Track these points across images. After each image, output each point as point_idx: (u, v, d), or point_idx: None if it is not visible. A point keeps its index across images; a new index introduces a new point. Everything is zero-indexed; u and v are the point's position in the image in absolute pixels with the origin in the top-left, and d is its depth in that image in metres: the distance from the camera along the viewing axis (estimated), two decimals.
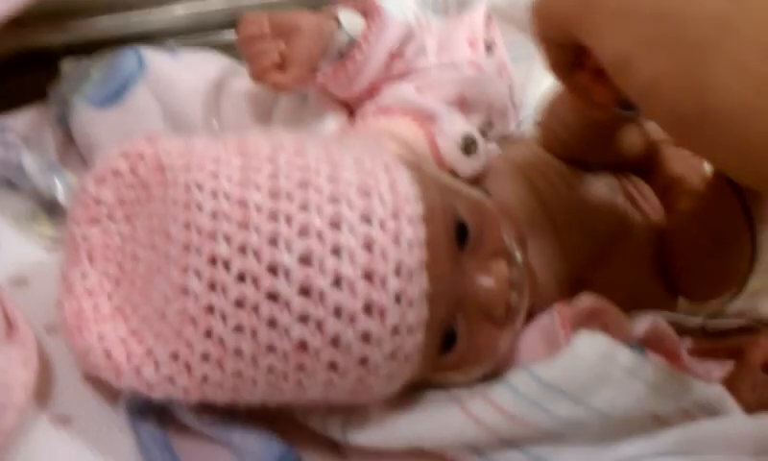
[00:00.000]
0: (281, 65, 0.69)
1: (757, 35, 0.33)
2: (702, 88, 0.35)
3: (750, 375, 0.61)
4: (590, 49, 0.44)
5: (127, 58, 0.78)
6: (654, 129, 0.70)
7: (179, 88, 0.77)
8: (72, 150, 0.80)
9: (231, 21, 0.88)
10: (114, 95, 0.77)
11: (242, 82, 0.77)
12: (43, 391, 0.56)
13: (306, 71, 0.70)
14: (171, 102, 0.77)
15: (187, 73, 0.79)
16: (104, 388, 0.54)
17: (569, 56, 0.44)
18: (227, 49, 0.85)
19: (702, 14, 0.36)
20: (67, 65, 0.82)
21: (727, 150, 0.36)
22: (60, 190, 0.71)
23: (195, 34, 0.89)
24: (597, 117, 0.48)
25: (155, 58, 0.79)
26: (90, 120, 0.77)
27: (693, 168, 0.72)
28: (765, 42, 0.33)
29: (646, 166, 0.72)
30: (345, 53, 0.70)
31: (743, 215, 0.59)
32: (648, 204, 0.72)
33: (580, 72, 0.48)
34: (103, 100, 0.77)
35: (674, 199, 0.72)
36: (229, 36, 0.88)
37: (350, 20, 0.70)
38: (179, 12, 0.89)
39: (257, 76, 0.69)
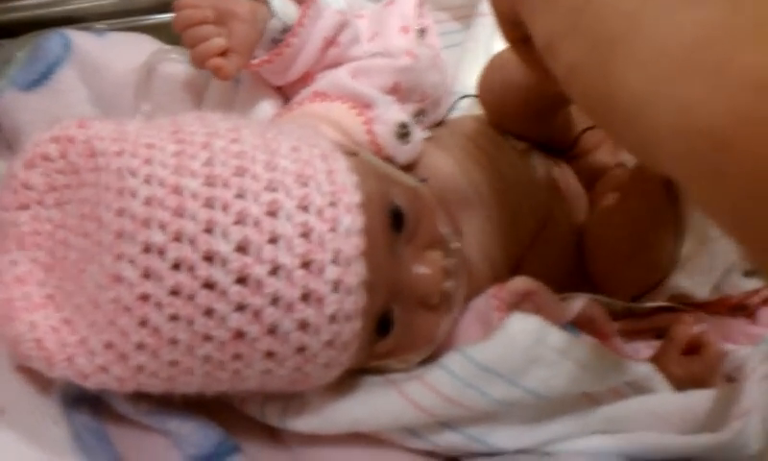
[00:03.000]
0: (223, 52, 0.68)
1: (655, 34, 0.35)
2: (609, 80, 0.37)
3: (676, 352, 0.63)
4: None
5: (52, 40, 0.76)
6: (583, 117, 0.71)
7: (107, 71, 0.76)
8: None
9: (159, 3, 0.87)
10: (40, 78, 0.74)
11: (173, 65, 0.76)
12: None
13: (247, 59, 0.69)
14: (99, 85, 0.76)
15: (116, 56, 0.77)
16: (36, 378, 0.53)
17: (522, 29, 0.45)
18: (155, 31, 0.83)
19: (615, 10, 0.37)
20: None
21: (631, 138, 0.37)
22: None
23: (122, 16, 0.87)
24: (550, 87, 0.50)
25: (81, 40, 0.76)
26: (15, 104, 0.74)
27: (619, 158, 0.74)
28: (660, 42, 0.34)
29: (575, 153, 0.74)
30: (279, 40, 0.69)
31: (668, 207, 0.60)
32: (572, 193, 0.73)
33: (532, 44, 0.50)
34: (28, 83, 0.74)
35: (598, 191, 0.73)
36: (157, 18, 0.87)
37: (283, 6, 0.69)
38: None
39: (200, 61, 0.68)
